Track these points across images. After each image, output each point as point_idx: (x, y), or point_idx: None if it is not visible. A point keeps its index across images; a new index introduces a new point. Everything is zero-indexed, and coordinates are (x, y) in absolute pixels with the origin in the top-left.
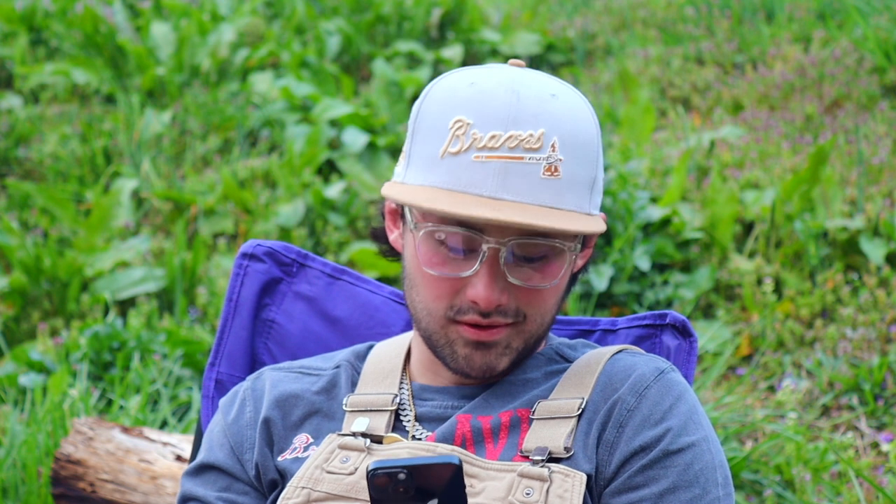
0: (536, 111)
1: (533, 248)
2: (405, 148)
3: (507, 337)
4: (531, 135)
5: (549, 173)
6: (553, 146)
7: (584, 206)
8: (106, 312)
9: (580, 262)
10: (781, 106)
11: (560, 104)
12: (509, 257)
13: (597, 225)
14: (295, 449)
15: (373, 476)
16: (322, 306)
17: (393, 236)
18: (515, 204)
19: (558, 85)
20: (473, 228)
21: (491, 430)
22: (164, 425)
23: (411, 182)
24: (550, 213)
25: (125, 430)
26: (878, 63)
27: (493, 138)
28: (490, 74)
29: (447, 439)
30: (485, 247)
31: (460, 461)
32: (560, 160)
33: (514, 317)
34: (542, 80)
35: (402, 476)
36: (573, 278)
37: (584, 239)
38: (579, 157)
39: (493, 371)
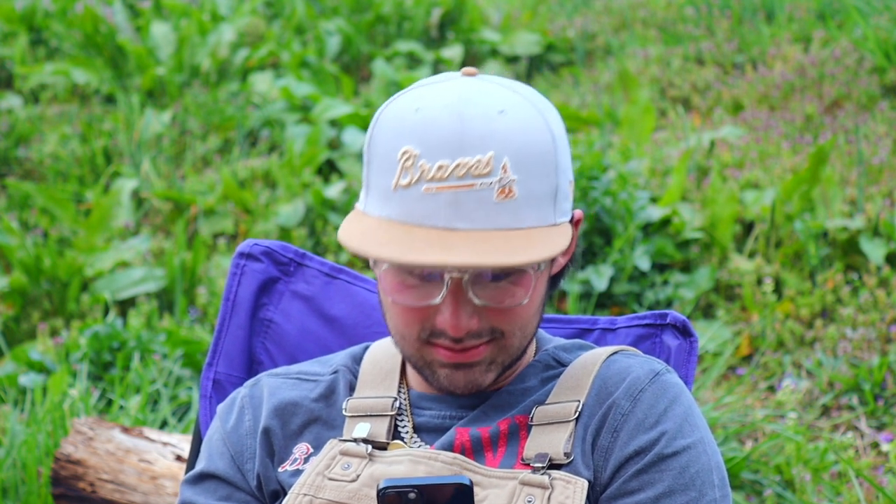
0: (483, 133)
1: (497, 269)
2: (363, 174)
3: (490, 354)
4: (479, 160)
5: (504, 195)
6: (504, 167)
7: (548, 218)
8: (106, 312)
9: (561, 262)
10: (781, 106)
11: (509, 120)
12: (475, 280)
13: (559, 240)
14: (295, 460)
15: (383, 494)
16: (320, 305)
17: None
18: (471, 233)
19: (509, 97)
20: None
21: (490, 439)
22: (164, 425)
23: (371, 212)
24: (508, 239)
25: (125, 430)
26: (878, 63)
27: (440, 168)
28: (436, 95)
29: (446, 451)
30: (447, 276)
31: (471, 482)
32: (513, 180)
33: (489, 335)
34: (490, 96)
35: (412, 495)
36: (556, 278)
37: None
38: (534, 171)
39: (479, 387)
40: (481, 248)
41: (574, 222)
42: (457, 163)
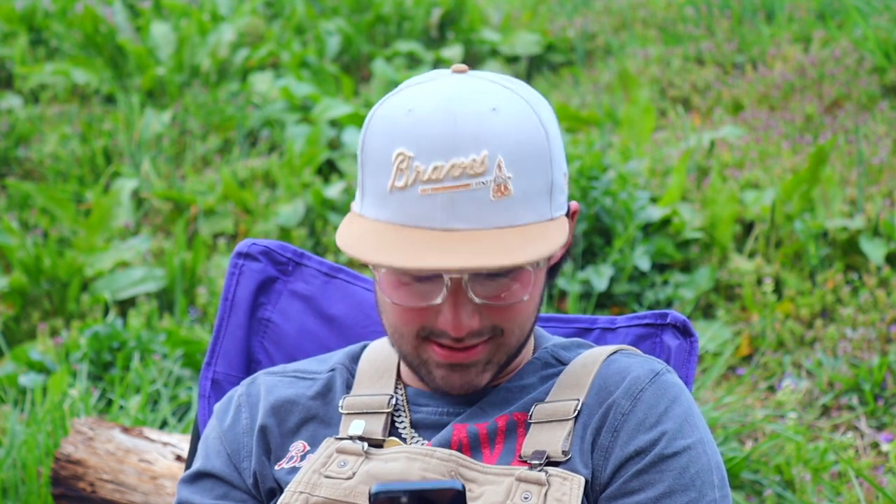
0: (476, 132)
1: (496, 267)
2: (358, 177)
3: (488, 354)
4: (474, 160)
5: (500, 194)
6: (499, 166)
7: (545, 213)
8: (106, 312)
9: (559, 253)
10: (781, 106)
11: (501, 118)
12: (474, 279)
13: (557, 235)
14: (292, 458)
15: (375, 499)
16: (318, 305)
17: None
18: (468, 233)
19: (500, 93)
20: None
21: (487, 435)
22: (164, 425)
23: (367, 214)
24: (505, 237)
25: (125, 430)
26: (878, 63)
27: (436, 170)
28: (427, 96)
29: (443, 447)
30: (446, 276)
31: (464, 487)
32: (509, 178)
33: (490, 333)
34: (482, 92)
35: (404, 500)
36: (553, 269)
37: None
38: (529, 168)
39: (474, 388)
40: (479, 248)
41: (570, 214)
42: (451, 163)
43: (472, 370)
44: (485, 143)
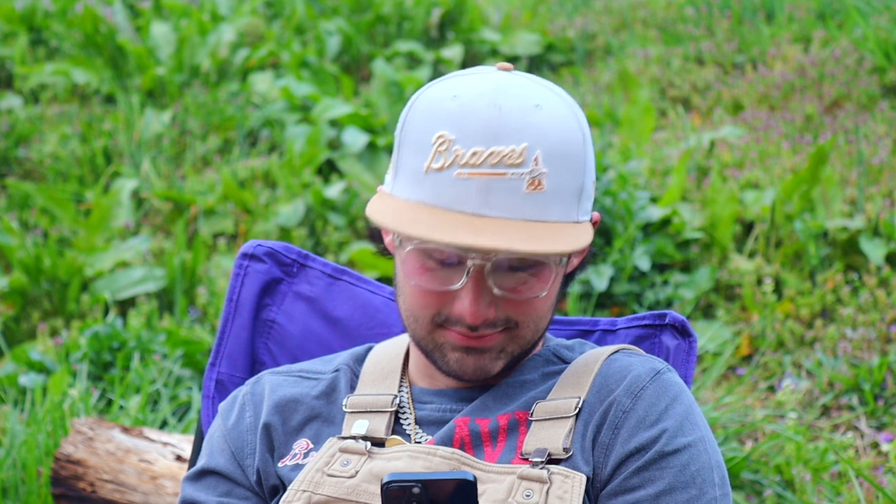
0: (519, 125)
1: (518, 260)
2: (393, 157)
3: (502, 342)
4: (513, 150)
5: (533, 187)
6: (536, 160)
7: (572, 215)
8: (106, 312)
9: (575, 262)
10: (781, 106)
11: (544, 115)
12: (496, 269)
13: (583, 236)
14: (295, 455)
15: (387, 488)
16: (322, 307)
17: (388, 238)
18: (498, 221)
19: (544, 92)
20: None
21: (489, 433)
22: (164, 425)
23: (398, 194)
24: (534, 230)
25: (125, 430)
26: (878, 63)
27: (474, 155)
28: (473, 85)
29: (445, 443)
30: (469, 262)
31: (475, 478)
32: (544, 173)
33: (504, 325)
34: (526, 89)
35: (416, 490)
36: (569, 277)
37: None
38: (564, 167)
39: (487, 374)
40: (508, 235)
41: (593, 223)
42: (491, 150)
43: (487, 355)
44: (526, 136)
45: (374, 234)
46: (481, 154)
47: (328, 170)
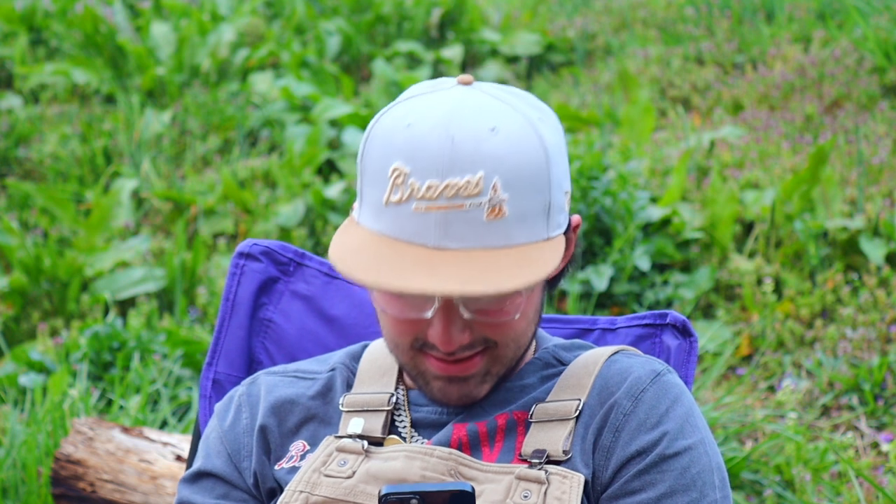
0: (473, 155)
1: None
2: (357, 184)
3: (485, 365)
4: (468, 181)
5: (494, 215)
6: (495, 187)
7: (541, 234)
8: (106, 312)
9: (560, 265)
10: (781, 106)
11: (500, 140)
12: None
13: (551, 257)
14: (292, 457)
15: (385, 501)
16: (319, 305)
17: None
18: (459, 253)
19: (502, 110)
20: None
21: (487, 433)
22: (164, 425)
23: (364, 224)
24: (496, 259)
25: (125, 430)
26: (878, 63)
27: (430, 188)
28: (427, 111)
29: (443, 446)
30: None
31: (473, 488)
32: (504, 199)
33: (483, 344)
34: (483, 111)
35: (414, 501)
36: (553, 280)
37: (567, 239)
38: (526, 189)
39: (473, 400)
40: (470, 271)
41: (573, 228)
42: (446, 183)
43: (471, 382)
44: (481, 165)
45: None
46: (436, 187)
47: (328, 170)
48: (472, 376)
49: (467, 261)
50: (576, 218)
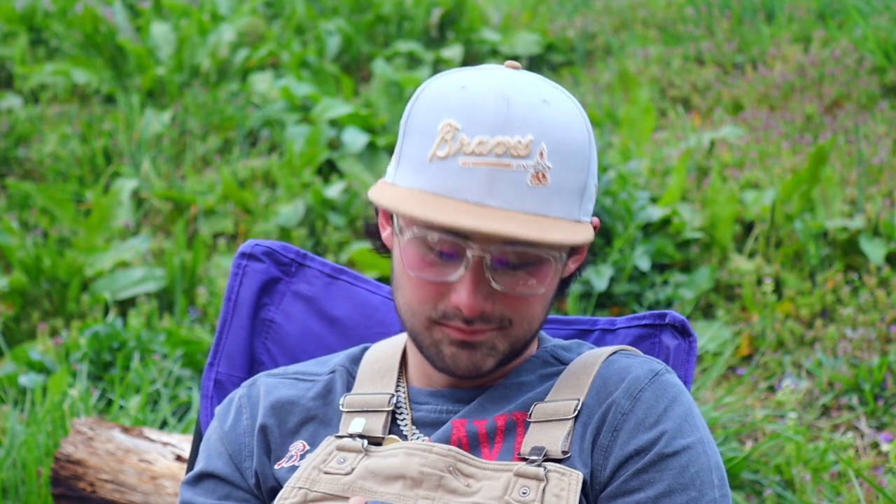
0: (526, 118)
1: (517, 255)
2: (396, 147)
3: (493, 338)
4: (519, 141)
5: (537, 181)
6: (541, 153)
7: (574, 214)
8: (106, 312)
9: (572, 267)
10: (781, 106)
11: (551, 111)
12: (494, 264)
13: (584, 234)
14: (291, 457)
15: None
16: (321, 306)
17: (385, 234)
18: (501, 211)
19: (552, 90)
20: (458, 234)
21: (486, 434)
22: (164, 425)
23: (401, 183)
24: (536, 222)
25: (125, 430)
26: (878, 63)
27: (480, 144)
28: (482, 78)
29: (443, 443)
30: (469, 253)
31: None
32: (548, 167)
33: (498, 323)
34: (534, 85)
35: None
36: (564, 282)
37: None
38: (569, 164)
39: (478, 371)
40: (511, 224)
41: (593, 227)
42: (497, 140)
43: (479, 351)
44: (532, 129)
45: (372, 231)
46: (487, 143)
47: (328, 170)
48: (482, 344)
49: (509, 218)
50: (595, 220)
